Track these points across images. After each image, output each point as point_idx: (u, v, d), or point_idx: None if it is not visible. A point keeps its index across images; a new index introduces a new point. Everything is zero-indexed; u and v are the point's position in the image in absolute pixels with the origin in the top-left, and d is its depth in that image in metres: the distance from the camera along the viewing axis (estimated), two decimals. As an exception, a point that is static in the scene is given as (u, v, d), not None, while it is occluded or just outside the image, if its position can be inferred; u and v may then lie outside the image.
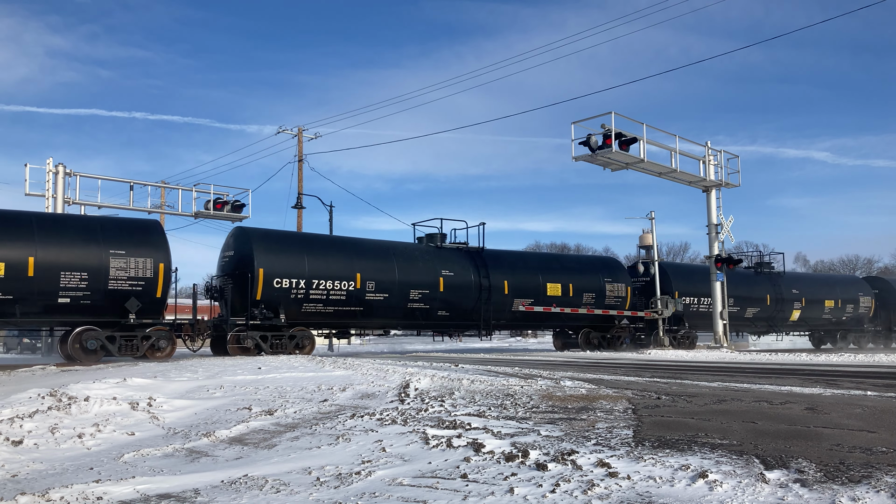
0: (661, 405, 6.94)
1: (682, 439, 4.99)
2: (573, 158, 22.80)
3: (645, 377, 10.70)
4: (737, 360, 17.48)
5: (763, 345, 38.77)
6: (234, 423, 6.73)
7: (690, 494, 3.63)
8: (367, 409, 7.15)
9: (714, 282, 26.27)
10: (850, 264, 76.05)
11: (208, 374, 10.46)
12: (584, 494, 3.72)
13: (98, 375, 10.48)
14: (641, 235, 28.62)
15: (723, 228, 26.26)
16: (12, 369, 13.62)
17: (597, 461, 4.32)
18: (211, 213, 29.18)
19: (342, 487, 4.21)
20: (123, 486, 4.44)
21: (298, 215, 34.97)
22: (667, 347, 25.68)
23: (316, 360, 14.02)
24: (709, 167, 25.91)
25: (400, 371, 10.76)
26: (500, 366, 13.61)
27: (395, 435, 5.64)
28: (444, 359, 17.02)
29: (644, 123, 23.12)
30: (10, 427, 6.45)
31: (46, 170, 25.43)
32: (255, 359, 14.58)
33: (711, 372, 12.43)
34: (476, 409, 6.80)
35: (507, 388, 8.53)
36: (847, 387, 8.91)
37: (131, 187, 27.65)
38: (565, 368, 12.98)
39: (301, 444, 5.72)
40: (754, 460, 4.21)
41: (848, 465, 4.03)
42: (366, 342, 37.96)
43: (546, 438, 5.17)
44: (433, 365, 13.10)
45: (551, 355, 21.48)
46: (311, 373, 10.66)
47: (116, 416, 7.16)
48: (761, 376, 11.04)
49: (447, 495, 3.91)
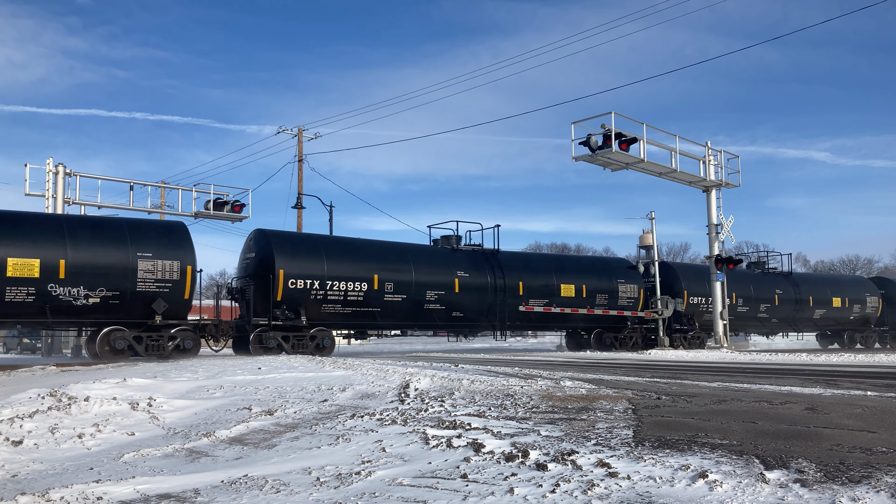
0: (661, 405, 6.94)
1: (682, 439, 4.99)
2: (573, 158, 22.81)
3: (645, 377, 10.70)
4: (737, 361, 17.48)
5: (763, 345, 38.77)
6: (234, 424, 6.73)
7: (690, 494, 3.63)
8: (367, 409, 7.15)
9: (714, 282, 26.26)
10: (850, 264, 76.05)
11: (208, 375, 10.46)
12: (584, 494, 3.72)
13: (98, 375, 10.48)
14: (641, 235, 28.59)
15: (723, 228, 26.26)
16: (12, 369, 13.62)
17: (597, 461, 4.32)
18: (211, 213, 29.16)
19: (342, 487, 4.21)
20: (123, 486, 4.44)
21: (298, 215, 34.97)
22: (667, 348, 25.67)
23: (316, 360, 14.02)
24: (709, 167, 25.91)
25: (400, 371, 10.76)
26: (500, 366, 13.60)
27: (395, 435, 5.64)
28: (444, 359, 17.02)
29: (644, 123, 23.14)
30: (10, 427, 6.45)
31: (46, 170, 25.43)
32: (255, 359, 14.58)
33: (711, 372, 12.43)
34: (476, 409, 6.79)
35: (507, 388, 8.53)
36: (847, 387, 8.91)
37: (131, 187, 27.65)
38: (565, 369, 12.98)
39: (301, 444, 5.72)
40: (754, 460, 4.21)
41: (848, 465, 4.03)
42: (367, 343, 37.94)
43: (546, 438, 5.16)
44: (433, 365, 13.10)
45: (551, 355, 21.49)
46: (311, 373, 10.66)
47: (116, 417, 7.16)
48: (761, 376, 11.04)
49: (447, 495, 3.91)
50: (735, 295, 27.99)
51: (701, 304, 27.74)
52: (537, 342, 42.18)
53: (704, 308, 27.68)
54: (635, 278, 26.67)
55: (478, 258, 23.62)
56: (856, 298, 33.83)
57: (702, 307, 27.74)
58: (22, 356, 29.84)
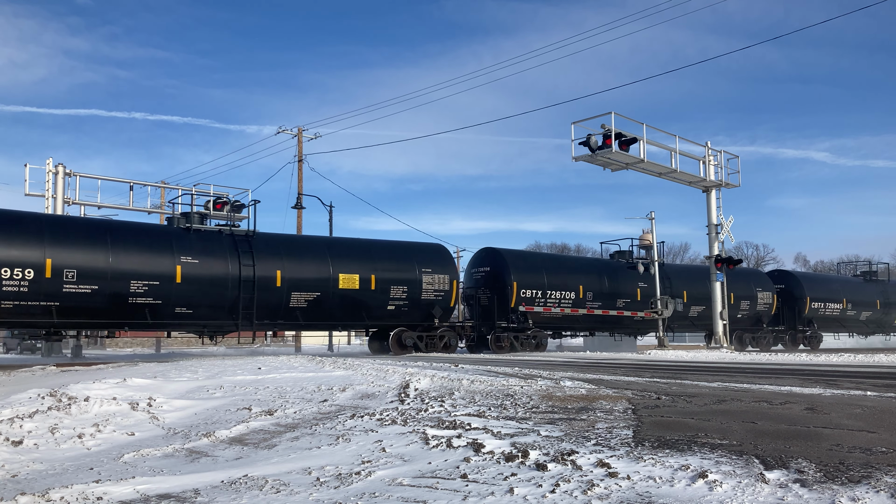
0: (660, 405, 6.94)
1: (681, 439, 4.99)
2: (573, 159, 22.83)
3: (645, 377, 10.70)
4: (736, 361, 17.48)
5: None
6: (234, 424, 6.73)
7: (690, 494, 3.63)
8: (367, 409, 7.15)
9: (714, 282, 26.27)
10: (849, 264, 75.82)
11: (208, 375, 10.46)
12: (583, 494, 3.72)
13: (98, 376, 10.48)
14: (641, 235, 28.61)
15: (723, 228, 26.27)
16: (12, 369, 13.62)
17: (597, 461, 4.32)
18: (211, 214, 29.09)
19: (342, 487, 4.21)
20: (123, 486, 4.44)
21: (298, 215, 35.00)
22: (667, 347, 25.68)
23: (316, 360, 14.02)
24: (709, 167, 25.92)
25: (400, 371, 10.76)
26: (499, 366, 13.59)
27: (395, 435, 5.64)
28: (443, 359, 17.01)
29: (644, 123, 23.15)
30: (10, 427, 6.45)
31: (46, 170, 25.45)
32: (255, 359, 14.59)
33: (711, 372, 12.42)
34: (476, 409, 6.80)
35: (507, 388, 8.52)
36: (847, 387, 8.91)
37: (131, 187, 27.68)
38: (565, 369, 12.97)
39: (301, 444, 5.72)
40: (754, 460, 4.21)
41: (848, 465, 4.03)
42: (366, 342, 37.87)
43: (546, 438, 5.17)
44: (433, 365, 13.09)
45: (551, 356, 21.48)
46: (311, 373, 10.66)
47: (116, 417, 7.16)
48: (761, 376, 11.04)
49: (447, 495, 3.91)
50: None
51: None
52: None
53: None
54: (446, 267, 23.06)
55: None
56: (744, 295, 30.96)
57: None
58: (22, 356, 29.83)
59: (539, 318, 24.53)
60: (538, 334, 24.37)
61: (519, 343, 23.50)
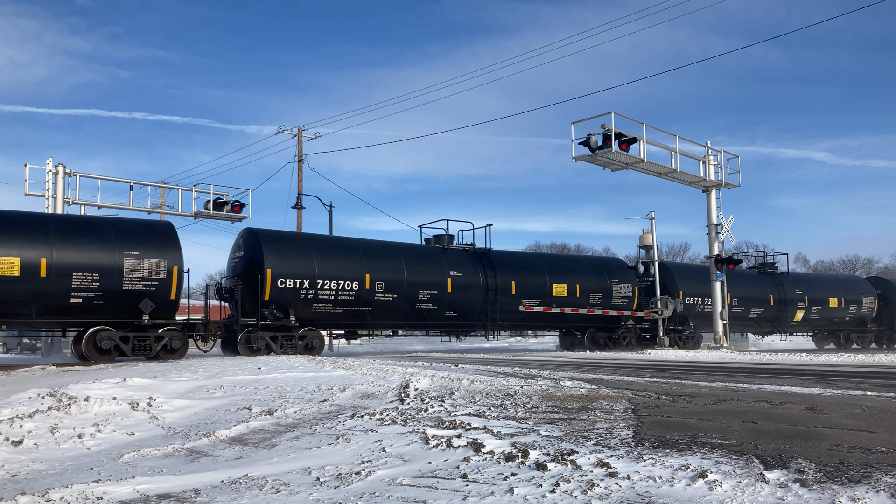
0: (660, 405, 6.94)
1: (681, 439, 4.99)
2: (573, 158, 22.81)
3: (645, 377, 10.70)
4: (736, 361, 17.48)
5: (763, 345, 38.75)
6: (234, 423, 6.73)
7: (690, 494, 3.63)
8: (367, 409, 7.15)
9: (714, 282, 26.25)
10: (850, 264, 76.02)
11: (208, 375, 10.46)
12: (583, 494, 3.72)
13: (98, 375, 10.48)
14: (641, 235, 28.70)
15: (723, 228, 26.25)
16: (12, 369, 13.62)
17: (597, 461, 4.32)
18: (211, 214, 29.15)
19: (342, 487, 4.21)
20: (123, 486, 4.44)
21: (298, 215, 34.97)
22: (667, 347, 25.66)
23: (316, 360, 14.02)
24: (709, 167, 25.91)
25: (400, 371, 10.76)
26: (499, 366, 13.60)
27: (395, 435, 5.64)
28: (443, 359, 17.01)
29: (644, 123, 23.13)
30: (10, 427, 6.45)
31: (46, 170, 25.42)
32: (254, 359, 14.57)
33: (711, 372, 12.43)
34: (476, 409, 6.80)
35: (507, 388, 8.53)
36: (847, 387, 8.91)
37: (131, 187, 27.64)
38: (565, 369, 12.97)
39: (301, 444, 5.72)
40: (754, 460, 4.21)
41: (848, 465, 4.03)
42: (365, 342, 37.93)
43: (546, 438, 5.17)
44: (433, 365, 13.10)
45: (551, 355, 21.48)
46: (311, 373, 10.66)
47: (116, 417, 7.16)
48: (761, 376, 11.04)
49: (447, 495, 3.91)
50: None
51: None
52: (537, 342, 42.17)
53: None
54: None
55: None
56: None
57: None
58: (22, 356, 29.84)
59: (309, 315, 19.80)
60: (309, 334, 19.53)
61: (278, 345, 18.78)
